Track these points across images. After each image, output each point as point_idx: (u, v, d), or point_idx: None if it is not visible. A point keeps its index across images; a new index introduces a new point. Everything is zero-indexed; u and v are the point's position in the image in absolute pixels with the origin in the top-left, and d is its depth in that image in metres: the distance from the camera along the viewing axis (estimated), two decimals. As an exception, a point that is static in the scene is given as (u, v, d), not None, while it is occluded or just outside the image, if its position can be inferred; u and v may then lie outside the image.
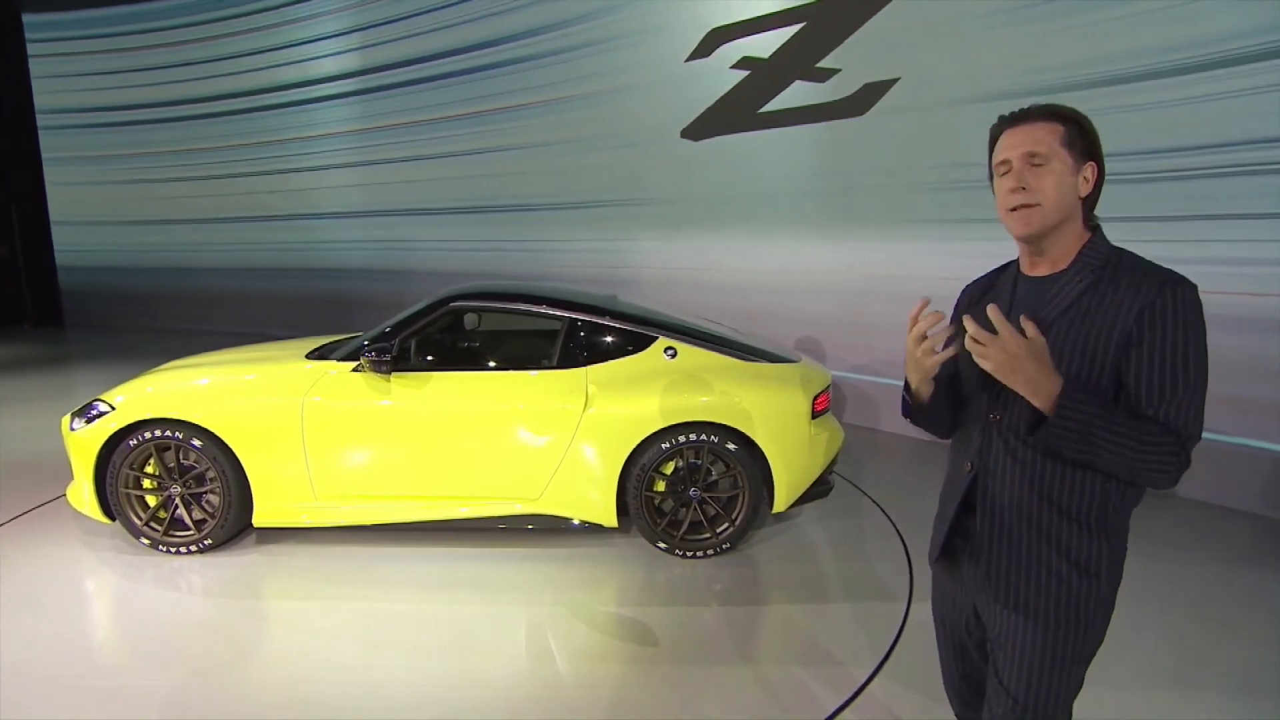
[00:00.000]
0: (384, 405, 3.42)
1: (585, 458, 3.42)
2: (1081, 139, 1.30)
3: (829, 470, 3.62)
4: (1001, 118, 1.36)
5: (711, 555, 3.52)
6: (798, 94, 5.99)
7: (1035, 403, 1.21)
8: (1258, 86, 3.86)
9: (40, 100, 11.88)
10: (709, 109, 6.60)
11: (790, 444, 3.39)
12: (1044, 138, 1.29)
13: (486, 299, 3.70)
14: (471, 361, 4.18)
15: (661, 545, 3.51)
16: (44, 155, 12.10)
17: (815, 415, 3.48)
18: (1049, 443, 1.23)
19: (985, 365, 1.21)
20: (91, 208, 11.97)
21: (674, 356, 3.53)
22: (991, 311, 1.19)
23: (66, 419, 3.61)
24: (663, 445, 3.38)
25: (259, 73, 10.43)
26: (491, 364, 3.66)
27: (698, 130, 6.73)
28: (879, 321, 5.76)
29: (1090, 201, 1.34)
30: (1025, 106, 1.34)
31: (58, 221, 12.33)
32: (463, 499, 3.48)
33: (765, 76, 6.16)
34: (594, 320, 3.59)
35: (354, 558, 3.56)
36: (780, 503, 3.48)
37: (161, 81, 11.11)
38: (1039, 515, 1.33)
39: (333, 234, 10.19)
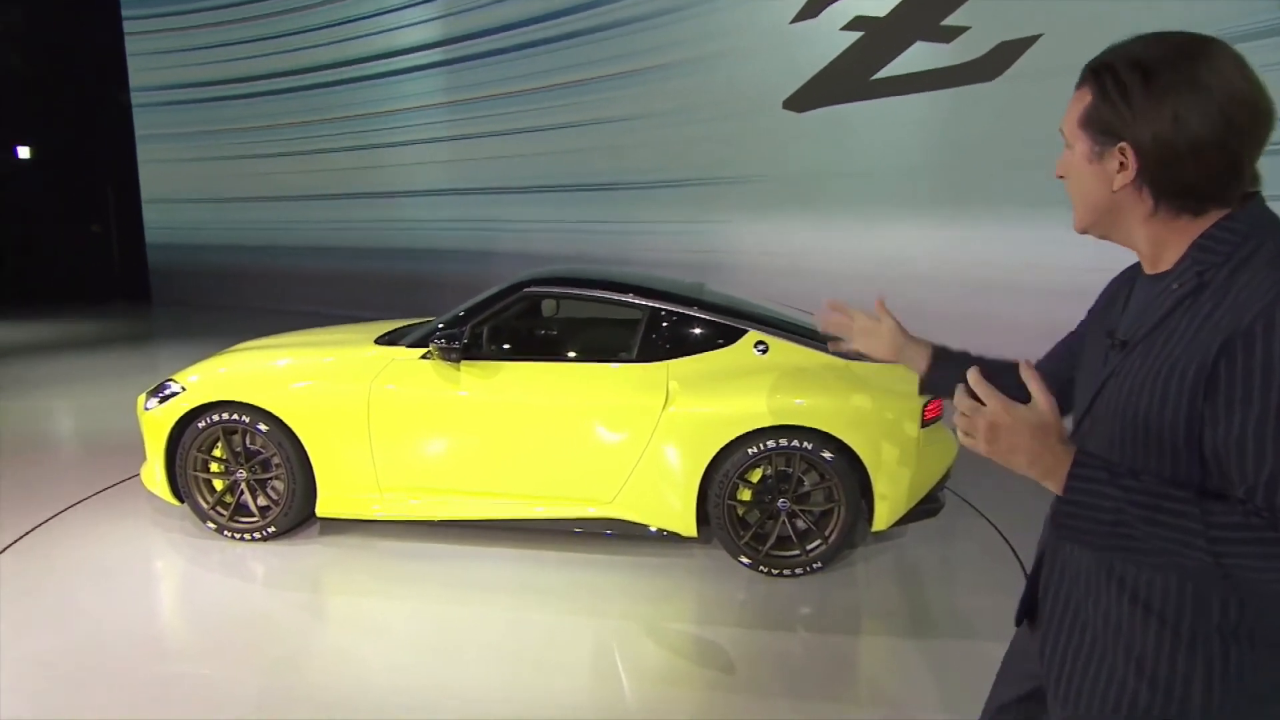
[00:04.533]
0: (453, 395, 3.48)
1: (664, 460, 3.39)
2: (1107, 108, 1.01)
3: (940, 486, 3.46)
4: None
5: (800, 574, 3.43)
6: (918, 57, 5.72)
7: (1050, 487, 0.99)
8: None
9: (135, 78, 12.79)
10: (815, 76, 6.40)
11: (895, 454, 3.24)
12: (1071, 110, 1.07)
13: (564, 285, 3.74)
14: (546, 351, 4.22)
15: (744, 560, 3.44)
16: (137, 133, 13.03)
17: (925, 424, 3.32)
18: (1073, 538, 1.00)
19: (970, 445, 1.01)
20: (180, 185, 12.84)
21: (765, 352, 3.44)
22: (972, 377, 1.00)
23: (142, 397, 3.84)
24: (749, 450, 3.30)
25: (345, 44, 10.87)
26: (567, 354, 3.69)
27: (801, 100, 6.53)
28: (1002, 318, 5.44)
29: (1161, 186, 1.00)
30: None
31: (149, 200, 13.27)
32: (532, 498, 3.52)
33: (880, 38, 5.91)
34: (678, 310, 3.55)
35: (418, 555, 3.64)
36: (881, 520, 3.35)
37: (249, 56, 11.75)
38: (1109, 600, 1.06)
39: (415, 213, 10.54)
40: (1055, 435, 0.98)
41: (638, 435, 3.38)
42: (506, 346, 3.90)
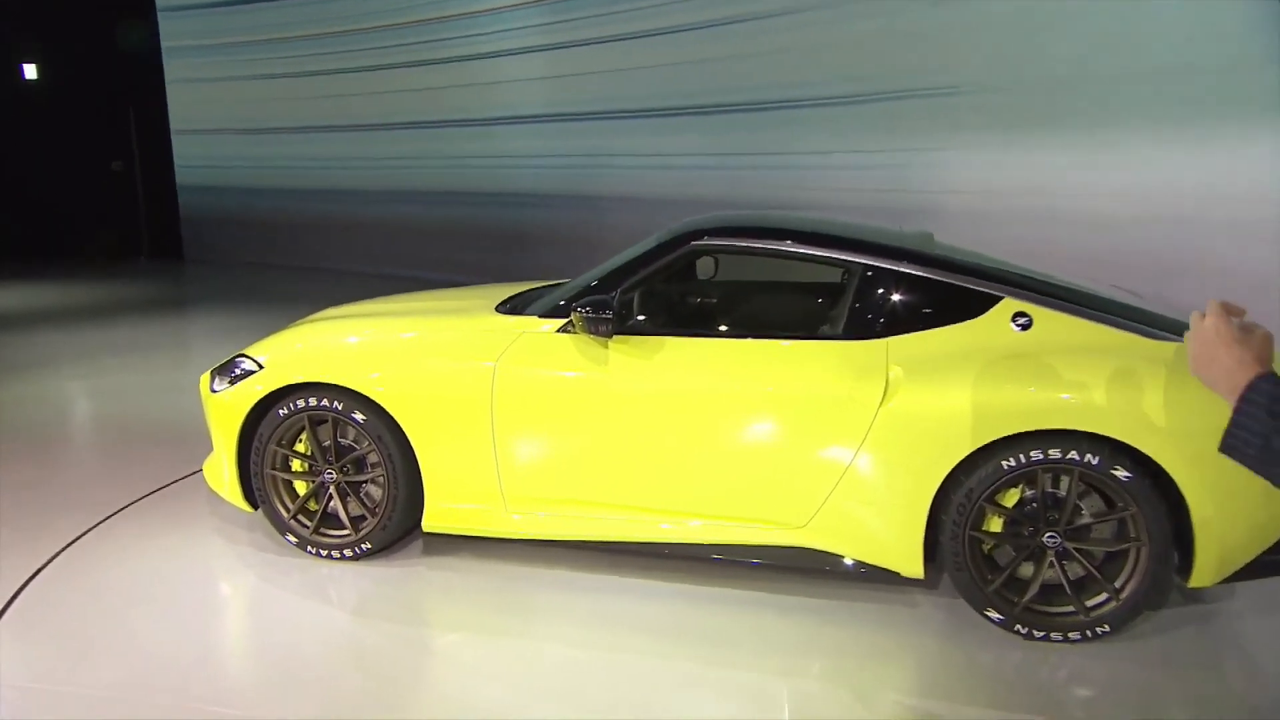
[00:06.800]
0: (601, 379, 3.54)
1: (880, 472, 3.36)
2: None
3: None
4: None
5: (1074, 640, 3.31)
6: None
7: (1230, 402, 1.37)
8: None
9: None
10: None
11: (1228, 478, 3.04)
12: None
13: (744, 236, 3.74)
14: (719, 324, 4.23)
15: (992, 614, 3.36)
16: (163, 44, 13.77)
17: None
18: (1234, 455, 1.36)
19: (1189, 364, 1.45)
20: (218, 111, 13.55)
21: (1028, 327, 3.34)
22: (1210, 304, 1.42)
23: (206, 377, 4.09)
24: (1004, 463, 3.22)
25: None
26: (748, 329, 3.68)
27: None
28: None
29: None
30: None
31: (179, 130, 14.07)
32: (699, 517, 3.56)
33: None
34: (901, 269, 3.48)
35: (549, 583, 3.74)
36: (1204, 573, 3.18)
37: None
38: None
39: (506, 144, 10.78)
40: (1254, 356, 1.37)
41: (844, 437, 3.35)
42: (667, 318, 3.94)
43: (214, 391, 3.98)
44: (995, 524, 3.36)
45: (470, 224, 11.24)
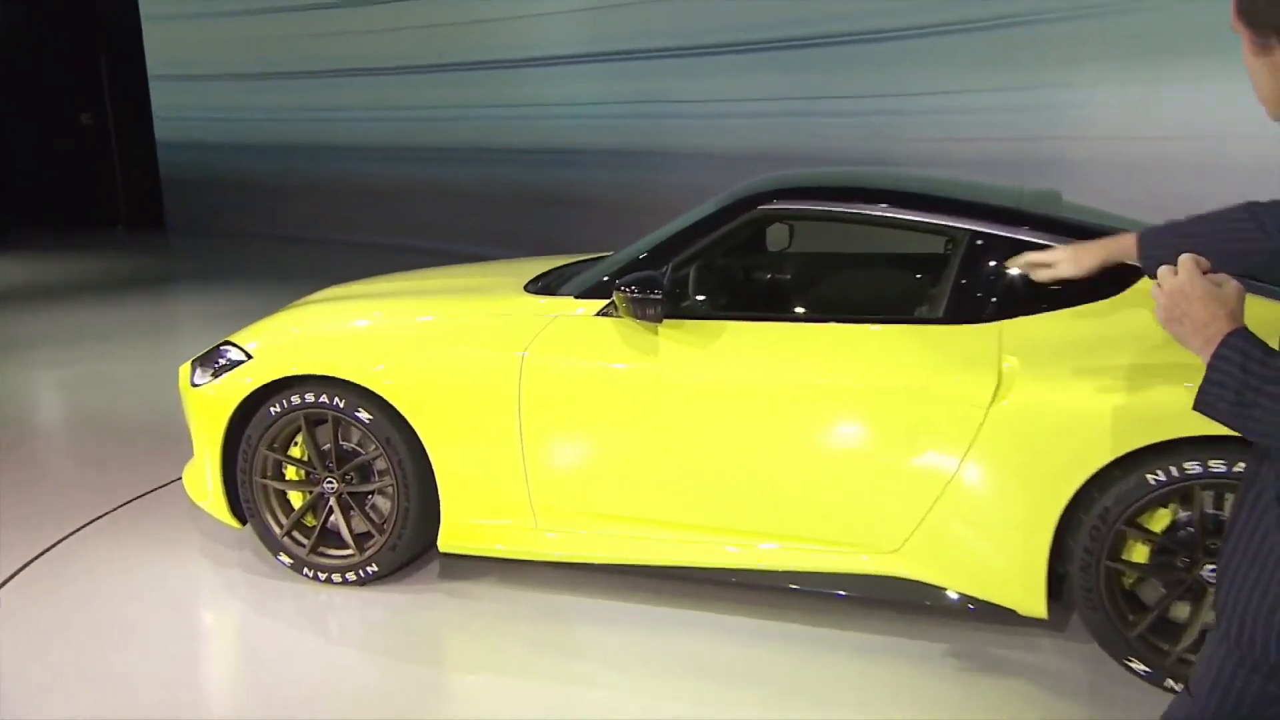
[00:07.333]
0: (650, 371, 3.51)
1: (990, 486, 3.31)
2: (1249, 2, 1.59)
3: None
4: None
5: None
6: None
7: (1203, 358, 1.56)
8: None
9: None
10: None
11: None
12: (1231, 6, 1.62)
13: (819, 199, 3.67)
14: (786, 306, 4.17)
15: (1137, 666, 3.27)
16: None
17: None
18: (1208, 411, 1.57)
19: (1157, 317, 1.64)
20: (200, 51, 13.68)
21: (1181, 307, 3.22)
22: (1182, 258, 1.61)
23: (186, 368, 4.11)
24: (1151, 477, 3.12)
25: None
26: (825, 311, 3.70)
27: None
28: None
29: None
30: None
31: (157, 76, 14.23)
32: (769, 537, 3.52)
33: None
34: (1019, 236, 3.39)
35: (588, 616, 3.71)
36: None
37: None
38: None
39: (542, 91, 10.75)
40: (1226, 311, 1.55)
41: (947, 443, 3.29)
42: (730, 298, 3.93)
43: (195, 385, 3.99)
44: (1139, 553, 3.26)
45: (498, 186, 11.22)
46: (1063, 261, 2.97)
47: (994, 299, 3.37)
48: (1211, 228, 2.56)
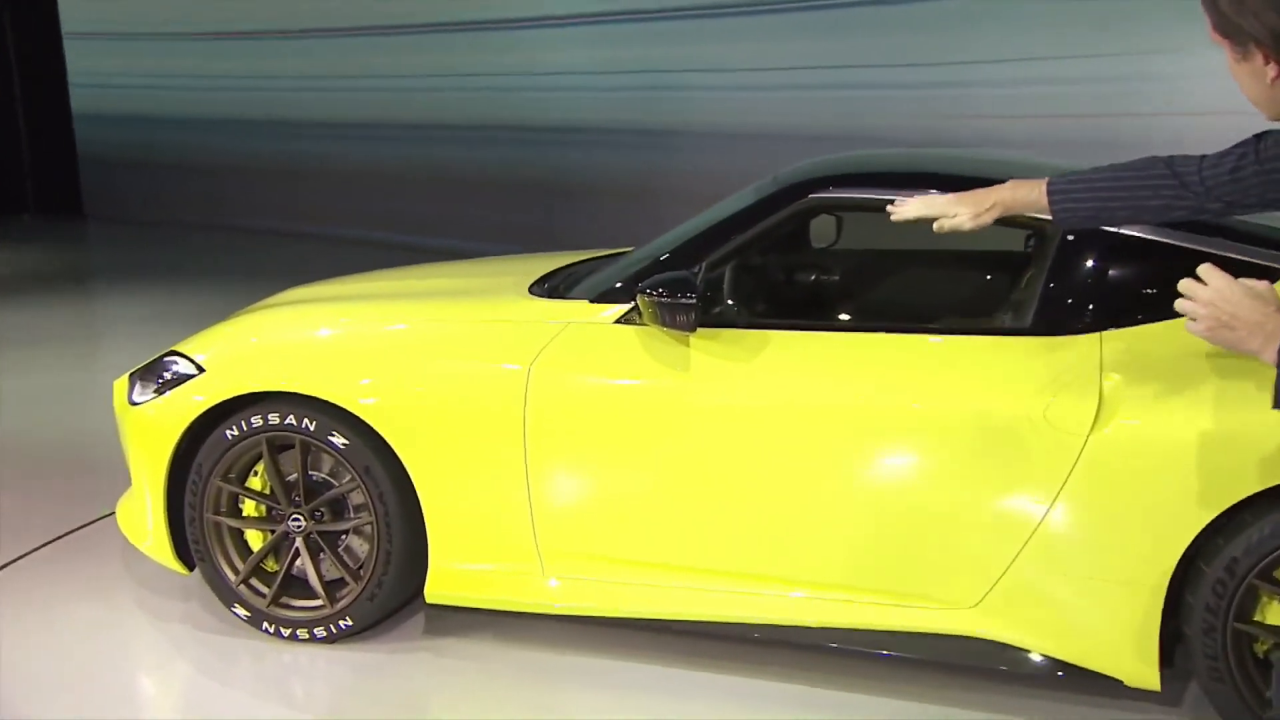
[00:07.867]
0: (678, 389, 3.51)
1: (1087, 530, 3.30)
2: (1220, 15, 1.94)
3: None
4: None
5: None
6: None
7: (1266, 358, 1.80)
8: None
9: None
10: None
11: None
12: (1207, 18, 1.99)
13: (877, 186, 3.66)
14: (839, 313, 4.20)
15: (1269, 746, 3.24)
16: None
17: None
18: None
19: (1194, 329, 1.91)
20: (124, 5, 13.59)
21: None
22: (1204, 268, 1.87)
23: (123, 383, 4.08)
24: (1287, 522, 3.11)
25: None
26: (887, 319, 3.71)
27: None
28: None
29: None
30: None
31: (72, 34, 14.15)
32: (824, 587, 3.51)
33: None
34: (1120, 231, 3.36)
35: (604, 680, 3.68)
36: None
37: None
38: None
39: (541, 57, 10.74)
40: (1275, 307, 1.79)
41: (1034, 478, 3.27)
42: (772, 304, 3.93)
43: (134, 403, 3.97)
44: (1276, 613, 3.22)
45: (484, 171, 11.22)
46: (959, 214, 2.97)
47: (1092, 305, 3.37)
48: (1127, 182, 2.73)
